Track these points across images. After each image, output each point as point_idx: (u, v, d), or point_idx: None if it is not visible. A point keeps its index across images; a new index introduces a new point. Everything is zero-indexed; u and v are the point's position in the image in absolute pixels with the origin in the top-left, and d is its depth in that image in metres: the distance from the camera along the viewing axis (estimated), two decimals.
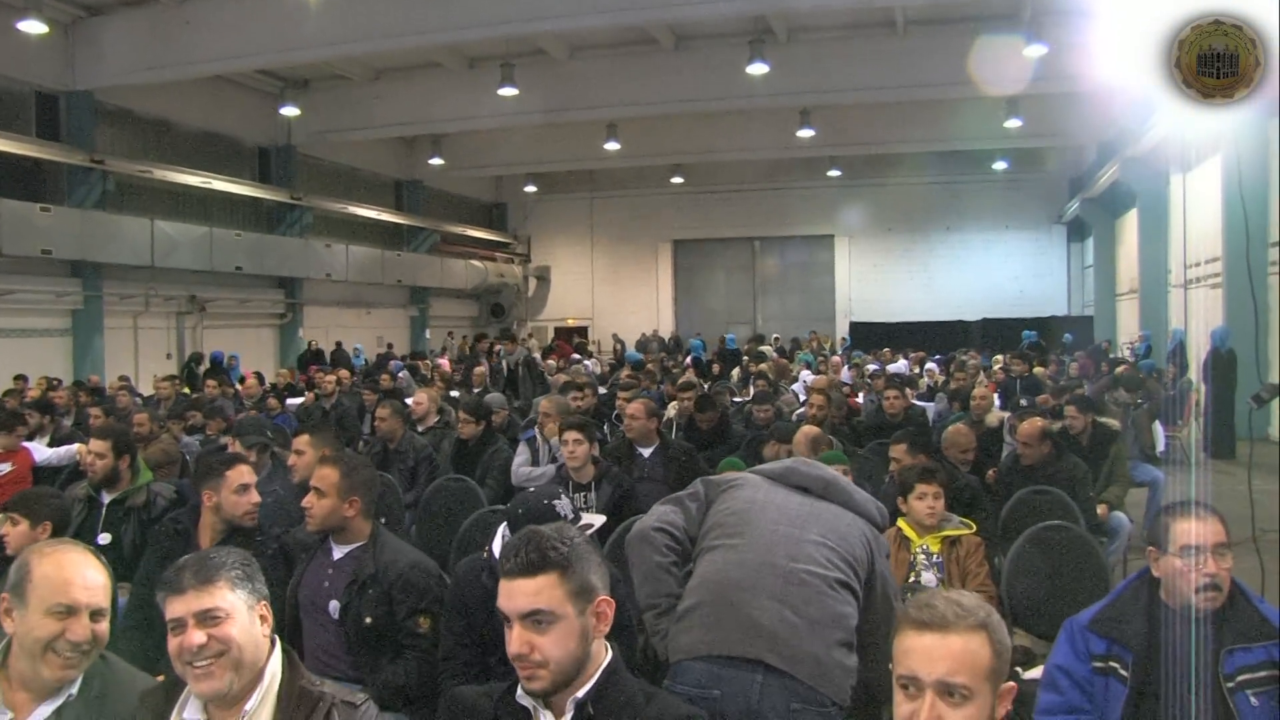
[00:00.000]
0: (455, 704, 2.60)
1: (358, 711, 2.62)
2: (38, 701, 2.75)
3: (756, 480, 3.80)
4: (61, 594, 2.73)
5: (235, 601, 2.58)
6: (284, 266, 24.89)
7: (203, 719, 2.60)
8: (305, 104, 24.23)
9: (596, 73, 22.89)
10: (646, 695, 2.49)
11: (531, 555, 2.40)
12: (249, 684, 2.58)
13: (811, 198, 32.90)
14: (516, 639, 2.38)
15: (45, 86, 19.73)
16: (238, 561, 2.65)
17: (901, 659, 2.19)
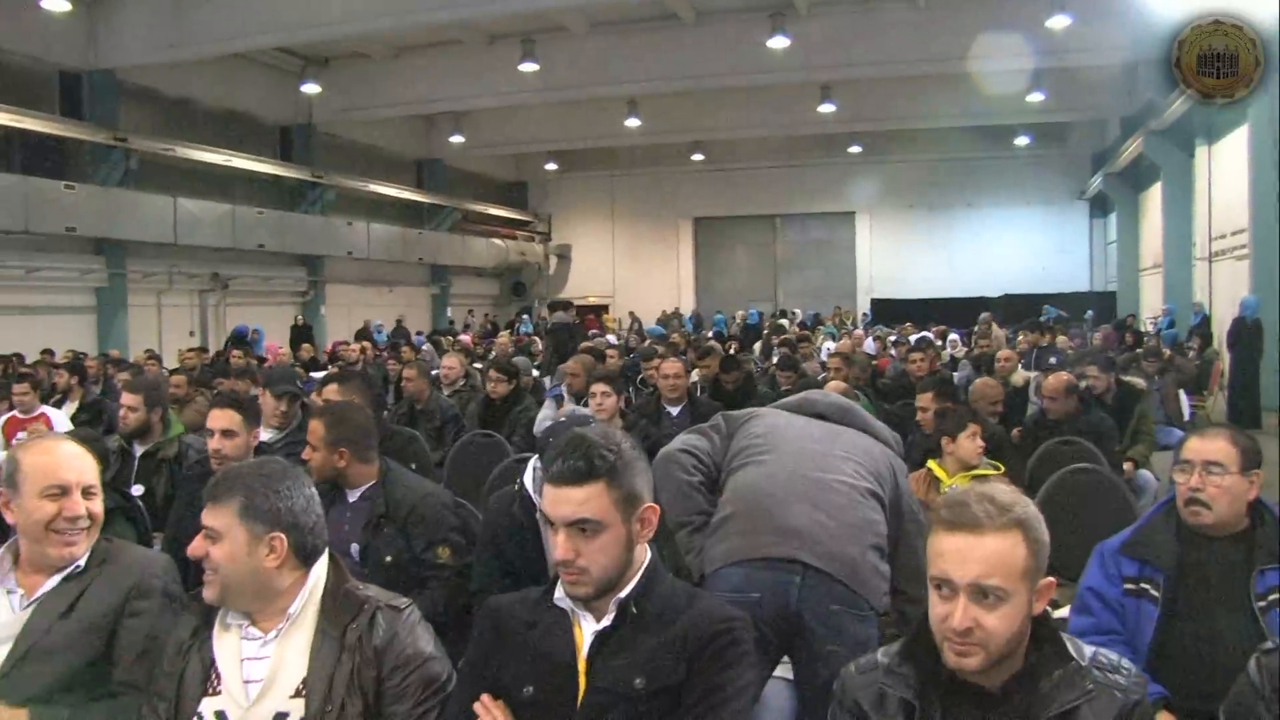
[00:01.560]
0: (492, 610, 2.59)
1: (401, 615, 2.64)
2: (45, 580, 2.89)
3: (775, 411, 3.83)
4: (51, 476, 2.87)
5: (233, 527, 2.58)
6: (306, 244, 24.98)
7: (244, 622, 2.64)
8: (326, 82, 24.28)
9: (617, 48, 22.83)
10: (687, 595, 2.49)
11: (579, 463, 2.37)
12: (263, 600, 2.61)
13: (832, 174, 32.79)
14: (562, 546, 2.37)
15: (68, 65, 19.84)
16: (249, 487, 2.63)
17: (934, 560, 2.17)
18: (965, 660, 2.12)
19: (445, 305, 31.55)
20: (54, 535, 2.85)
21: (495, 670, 2.48)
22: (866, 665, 2.35)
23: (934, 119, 27.06)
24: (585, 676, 2.38)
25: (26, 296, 18.99)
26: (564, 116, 27.86)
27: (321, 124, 25.71)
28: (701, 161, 32.65)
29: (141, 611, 2.88)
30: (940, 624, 2.15)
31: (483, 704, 2.42)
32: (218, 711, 2.53)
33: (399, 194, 28.99)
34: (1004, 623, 2.11)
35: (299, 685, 2.52)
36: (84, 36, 19.57)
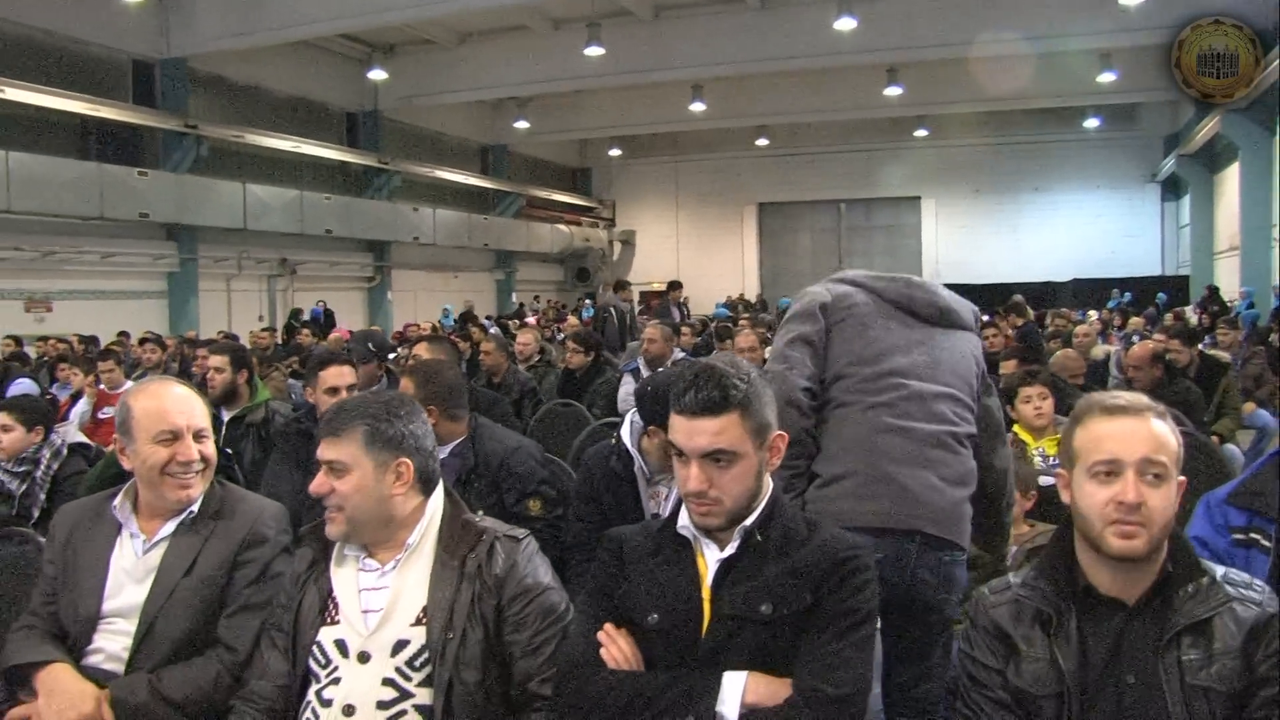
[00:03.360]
0: (614, 540, 2.58)
1: (520, 545, 2.65)
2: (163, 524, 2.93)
3: (873, 312, 3.40)
4: (162, 421, 2.89)
5: (359, 457, 2.60)
6: (372, 229, 25.16)
7: (362, 553, 2.67)
8: (392, 69, 24.42)
9: (681, 32, 22.79)
10: (808, 524, 2.47)
11: (713, 394, 2.34)
12: (387, 531, 2.63)
13: (898, 159, 32.50)
14: (695, 477, 2.35)
15: (141, 54, 20.16)
16: (374, 416, 2.65)
17: (1096, 446, 2.18)
18: (1132, 542, 2.13)
19: (510, 291, 31.65)
20: (169, 479, 2.88)
21: (618, 599, 2.47)
22: (999, 586, 2.36)
23: (1002, 101, 26.70)
24: (710, 604, 2.38)
25: (102, 281, 19.30)
26: (628, 101, 27.86)
27: (387, 110, 25.87)
28: (766, 146, 32.50)
29: (252, 561, 2.91)
30: (1103, 507, 2.15)
31: (606, 632, 2.42)
32: (337, 640, 2.56)
33: (464, 180, 29.13)
34: (1165, 503, 2.15)
35: (419, 614, 2.54)
36: (157, 26, 19.84)
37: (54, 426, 5.56)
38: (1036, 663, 2.21)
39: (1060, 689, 2.18)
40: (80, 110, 18.52)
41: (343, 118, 25.75)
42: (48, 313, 18.35)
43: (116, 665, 2.77)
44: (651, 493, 3.99)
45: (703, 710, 2.23)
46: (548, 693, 2.50)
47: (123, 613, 2.81)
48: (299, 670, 2.59)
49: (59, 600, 2.89)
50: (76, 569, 2.88)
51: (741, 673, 2.27)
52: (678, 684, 2.28)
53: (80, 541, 2.92)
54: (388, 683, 2.48)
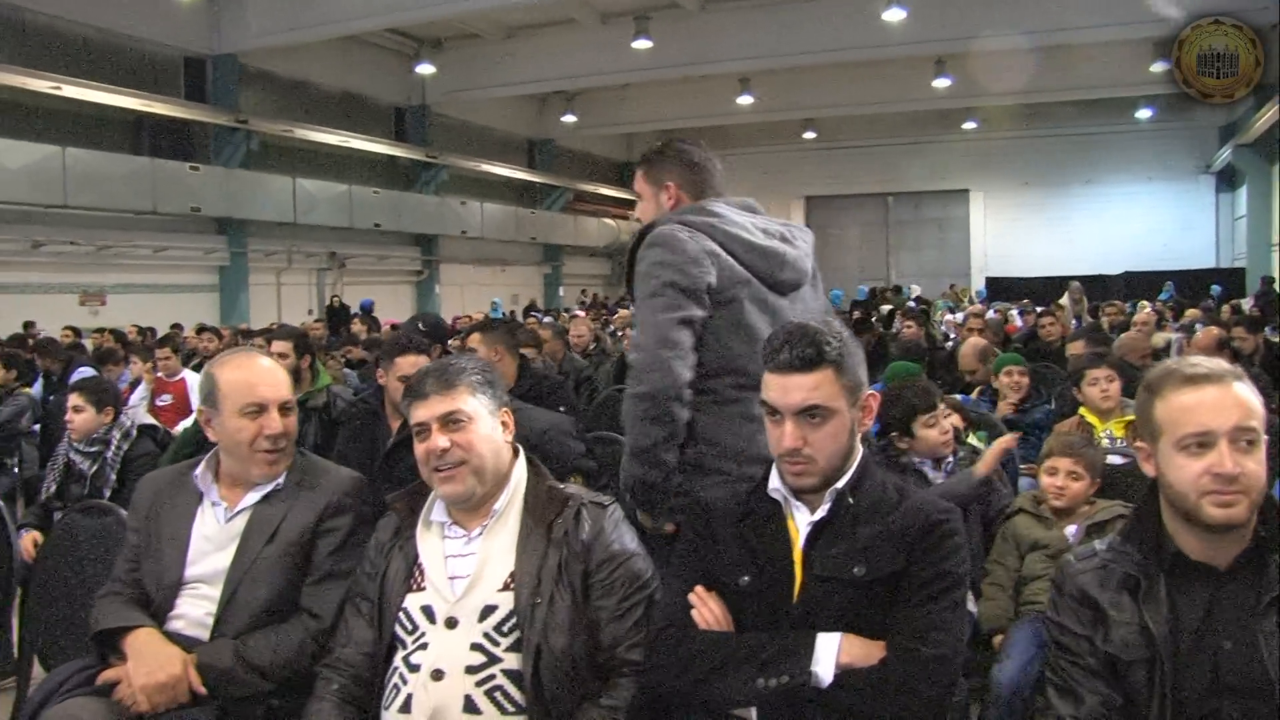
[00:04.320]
0: (703, 504, 2.59)
1: (605, 511, 2.66)
2: (246, 493, 2.94)
3: (747, 295, 3.11)
4: (249, 394, 2.90)
5: (476, 406, 2.65)
6: (420, 224, 25.27)
7: (448, 520, 2.68)
8: (439, 63, 24.49)
9: (729, 25, 22.67)
10: (897, 489, 2.46)
11: (808, 350, 2.35)
12: (494, 487, 2.65)
13: (946, 152, 32.27)
14: (790, 434, 2.35)
15: (193, 51, 20.36)
16: (478, 368, 2.72)
17: (1184, 417, 2.13)
18: (1231, 510, 2.08)
19: (558, 284, 31.70)
20: (256, 454, 2.89)
21: (708, 563, 2.48)
22: (1084, 553, 2.34)
23: (1052, 92, 26.42)
24: (801, 566, 2.38)
25: (154, 275, 19.50)
26: (675, 95, 27.75)
27: (435, 105, 25.93)
28: (813, 139, 32.33)
29: (334, 530, 2.91)
30: (1198, 479, 2.10)
31: (698, 595, 2.43)
32: (424, 606, 2.57)
33: (511, 174, 29.16)
34: (1259, 468, 2.09)
35: (506, 579, 2.55)
36: (208, 23, 20.04)
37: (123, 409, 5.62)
38: (1126, 628, 2.18)
39: (1151, 654, 2.14)
40: (134, 106, 18.73)
41: (391, 112, 25.83)
42: (102, 306, 18.55)
43: (199, 630, 2.79)
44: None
45: (798, 670, 2.23)
46: (636, 658, 2.51)
47: (205, 579, 2.84)
48: (385, 637, 2.61)
49: (142, 567, 2.91)
50: (159, 537, 2.91)
51: (835, 634, 2.27)
52: (772, 644, 2.29)
53: (163, 509, 2.94)
54: (476, 648, 2.49)
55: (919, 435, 4.31)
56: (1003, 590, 3.83)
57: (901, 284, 29.26)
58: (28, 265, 17.24)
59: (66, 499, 5.35)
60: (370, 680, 2.61)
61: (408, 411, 2.70)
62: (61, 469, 5.43)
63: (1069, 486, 3.87)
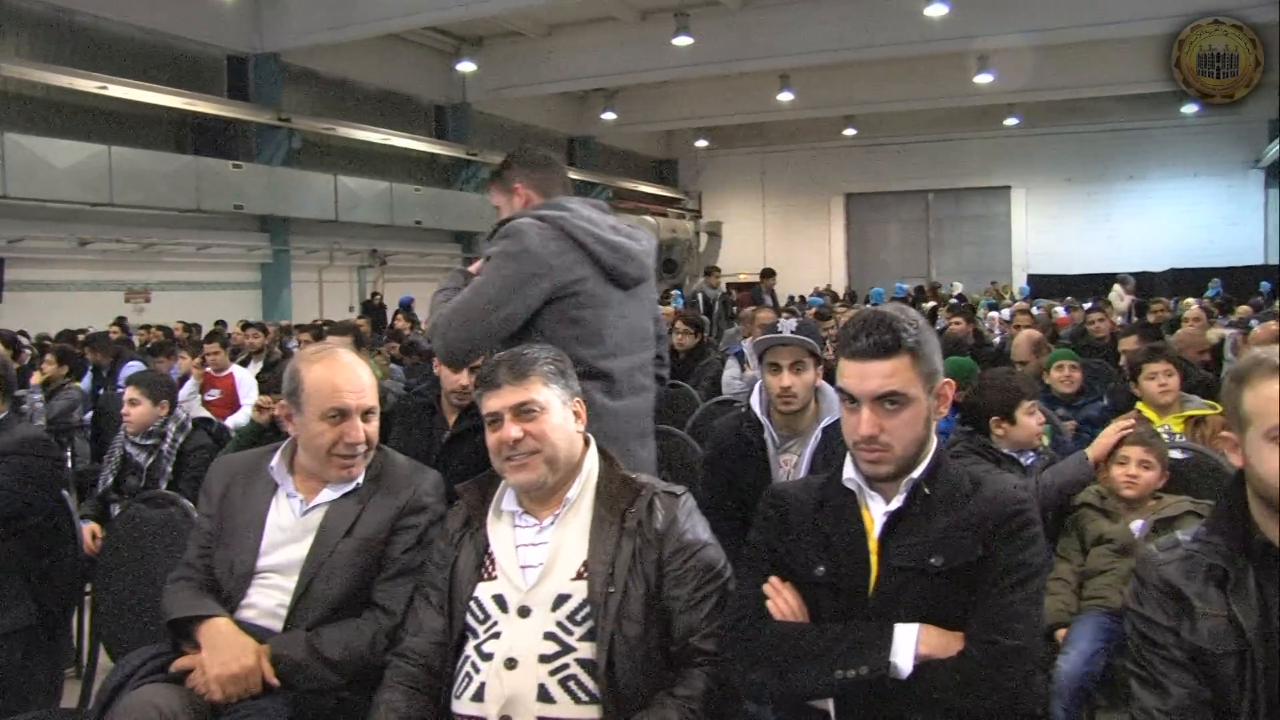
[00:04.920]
0: (776, 494, 2.58)
1: (678, 500, 2.65)
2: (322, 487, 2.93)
3: (592, 290, 3.40)
4: (333, 399, 2.86)
5: (549, 396, 2.65)
6: (461, 221, 25.30)
7: (518, 510, 2.68)
8: (480, 61, 24.49)
9: (770, 21, 22.60)
10: (971, 478, 2.44)
11: (885, 336, 2.33)
12: (565, 475, 2.65)
13: (988, 148, 31.92)
14: (866, 421, 2.33)
15: (235, 50, 20.49)
16: (551, 358, 2.72)
17: (1275, 407, 2.07)
18: None
19: None
20: (334, 459, 2.88)
21: (782, 553, 2.46)
22: (1167, 544, 2.30)
23: (1097, 87, 26.17)
24: (878, 556, 2.36)
25: (197, 272, 19.66)
26: (715, 92, 27.72)
27: (476, 102, 25.98)
28: (853, 136, 32.12)
29: (411, 527, 2.91)
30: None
31: (772, 585, 2.42)
32: (496, 595, 2.58)
33: None
34: None
35: (579, 568, 2.55)
36: (251, 22, 20.15)
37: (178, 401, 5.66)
38: (1213, 620, 2.13)
39: (1241, 646, 2.10)
40: (178, 105, 18.90)
41: (431, 110, 25.90)
42: (146, 303, 18.71)
43: (270, 621, 2.80)
44: (781, 460, 3.99)
45: (876, 661, 2.21)
46: (709, 648, 2.50)
47: (279, 569, 2.84)
48: (456, 626, 2.61)
49: (214, 554, 2.92)
50: (233, 525, 2.92)
51: (913, 624, 2.25)
52: (849, 635, 2.27)
53: (236, 497, 2.95)
54: (549, 637, 2.49)
55: (1020, 422, 4.29)
56: (1066, 584, 3.80)
57: (941, 281, 29.12)
58: (74, 263, 17.40)
59: (123, 491, 5.40)
60: (440, 669, 2.61)
61: (479, 401, 2.70)
62: (118, 461, 5.47)
63: (1140, 476, 3.84)
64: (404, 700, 2.57)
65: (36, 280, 16.79)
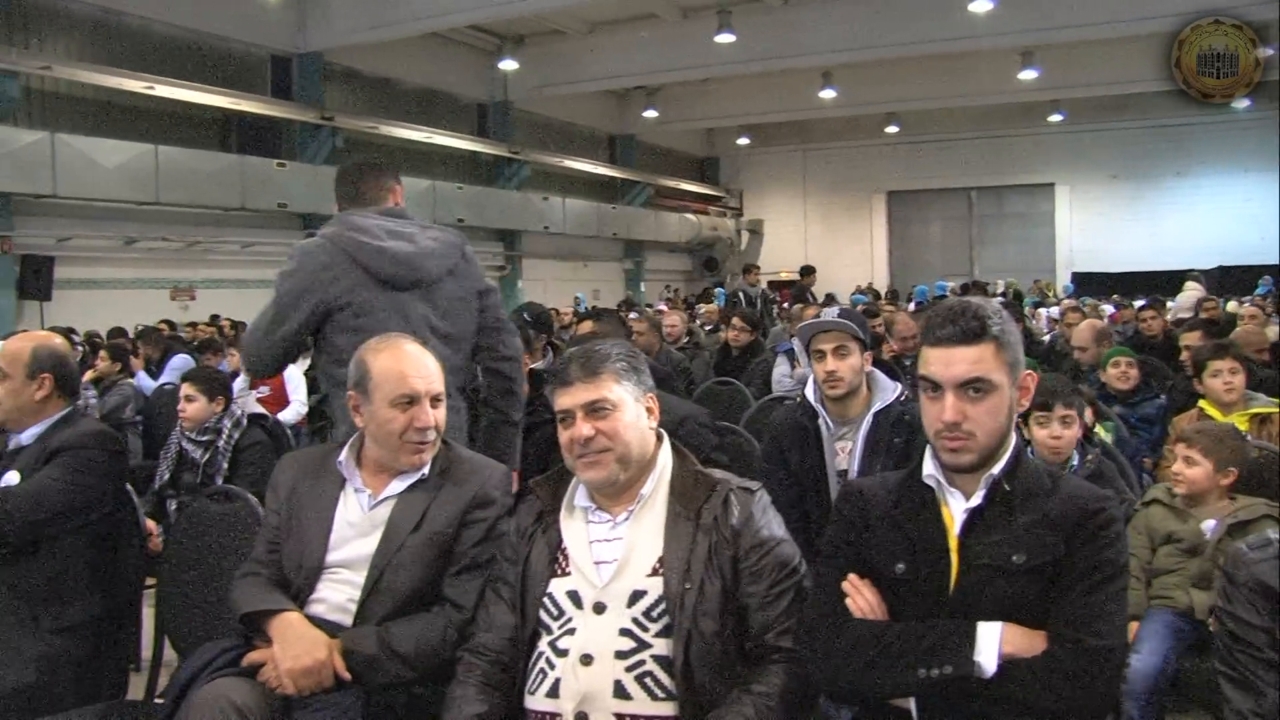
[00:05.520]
0: (854, 490, 2.56)
1: (754, 497, 2.62)
2: (389, 481, 2.94)
3: (368, 298, 3.65)
4: (402, 385, 2.89)
5: (621, 394, 2.63)
6: (503, 219, 25.30)
7: (592, 506, 2.66)
8: (522, 59, 24.49)
9: (813, 18, 22.46)
10: (1050, 476, 2.40)
11: (972, 324, 2.32)
12: (637, 472, 2.63)
13: (1031, 145, 31.65)
14: (950, 407, 2.31)
15: (279, 49, 20.57)
16: (623, 354, 2.70)
17: None
18: None
19: (639, 280, 31.62)
20: (405, 445, 2.88)
21: (860, 550, 2.44)
22: (1258, 542, 2.28)
23: (1143, 83, 25.82)
24: (958, 554, 2.33)
25: (242, 270, 19.72)
26: (757, 90, 27.62)
27: (517, 101, 25.98)
28: (896, 133, 31.92)
29: (480, 521, 2.90)
30: None
31: (851, 583, 2.40)
32: (570, 591, 2.57)
33: (593, 169, 29.14)
34: None
35: (654, 565, 2.53)
36: (294, 22, 20.24)
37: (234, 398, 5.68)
38: None
39: None
40: (223, 105, 19.00)
41: (473, 108, 25.94)
42: (191, 301, 18.81)
43: (339, 615, 2.80)
44: (837, 447, 4.06)
45: (960, 660, 2.18)
46: (786, 644, 2.48)
47: (347, 564, 2.85)
48: (528, 622, 2.60)
49: (282, 549, 2.93)
50: (301, 520, 2.92)
51: (996, 623, 2.22)
52: (931, 634, 2.24)
53: (304, 492, 2.96)
54: (625, 633, 2.48)
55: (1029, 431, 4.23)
56: (1136, 581, 3.75)
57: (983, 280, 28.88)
58: (121, 261, 17.53)
59: (179, 487, 5.43)
60: (512, 665, 2.60)
61: (551, 397, 2.69)
62: (174, 457, 5.51)
63: (1183, 472, 3.82)
64: (477, 695, 2.56)
65: (84, 279, 16.91)
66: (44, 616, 3.26)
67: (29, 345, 3.57)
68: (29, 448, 3.48)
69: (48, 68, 16.16)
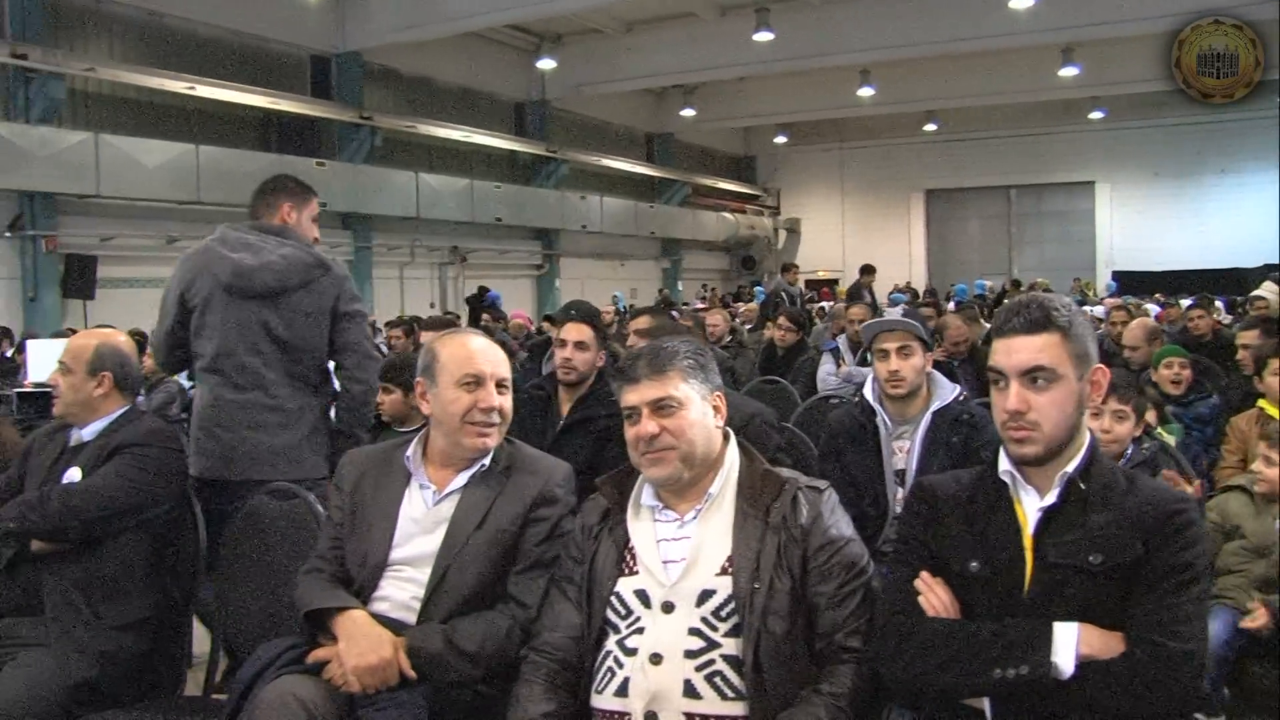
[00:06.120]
0: (926, 487, 2.53)
1: (822, 496, 2.61)
2: (454, 476, 2.95)
3: (217, 301, 4.15)
4: (468, 365, 2.94)
5: (688, 391, 2.62)
6: (541, 218, 25.37)
7: (658, 504, 2.65)
8: (560, 58, 24.54)
9: (852, 16, 22.37)
10: (1125, 475, 2.37)
11: (1036, 314, 2.31)
12: (702, 470, 2.62)
13: (1071, 142, 31.35)
14: (1014, 397, 2.30)
15: (318, 49, 20.69)
16: (691, 351, 2.68)
17: None
18: None
19: (676, 279, 31.59)
20: (469, 426, 2.91)
21: (933, 548, 2.42)
22: None
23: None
24: (1032, 552, 2.30)
25: None
26: (794, 88, 27.52)
27: (555, 100, 26.01)
28: (934, 131, 31.78)
29: (544, 519, 2.90)
30: None
31: (924, 580, 2.38)
32: (637, 590, 2.56)
33: (631, 168, 29.14)
34: None
35: (723, 563, 2.51)
36: (333, 21, 20.32)
37: None
38: None
39: None
40: (263, 104, 19.12)
41: (511, 107, 25.98)
42: None
43: (402, 613, 2.81)
44: (894, 446, 4.09)
45: (1037, 661, 2.15)
46: (855, 644, 2.46)
47: (411, 561, 2.85)
48: (595, 621, 2.59)
49: (346, 546, 2.94)
50: (364, 516, 2.94)
51: (1073, 623, 2.19)
52: (1007, 633, 2.21)
53: (369, 489, 2.97)
54: (694, 632, 2.46)
55: None
56: None
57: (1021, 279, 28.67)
58: (163, 260, 17.55)
59: None
60: (578, 664, 2.60)
61: (618, 393, 2.69)
62: None
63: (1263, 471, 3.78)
64: (543, 694, 2.55)
65: (127, 277, 17.03)
66: (106, 612, 3.29)
67: (93, 343, 3.62)
68: (90, 444, 3.51)
69: (92, 69, 16.32)
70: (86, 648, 3.21)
